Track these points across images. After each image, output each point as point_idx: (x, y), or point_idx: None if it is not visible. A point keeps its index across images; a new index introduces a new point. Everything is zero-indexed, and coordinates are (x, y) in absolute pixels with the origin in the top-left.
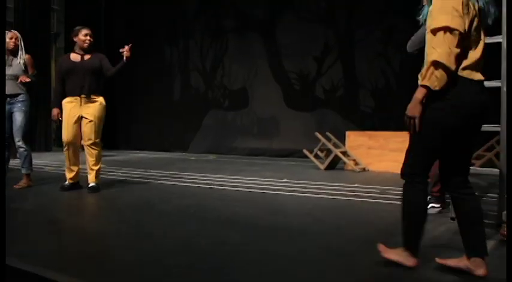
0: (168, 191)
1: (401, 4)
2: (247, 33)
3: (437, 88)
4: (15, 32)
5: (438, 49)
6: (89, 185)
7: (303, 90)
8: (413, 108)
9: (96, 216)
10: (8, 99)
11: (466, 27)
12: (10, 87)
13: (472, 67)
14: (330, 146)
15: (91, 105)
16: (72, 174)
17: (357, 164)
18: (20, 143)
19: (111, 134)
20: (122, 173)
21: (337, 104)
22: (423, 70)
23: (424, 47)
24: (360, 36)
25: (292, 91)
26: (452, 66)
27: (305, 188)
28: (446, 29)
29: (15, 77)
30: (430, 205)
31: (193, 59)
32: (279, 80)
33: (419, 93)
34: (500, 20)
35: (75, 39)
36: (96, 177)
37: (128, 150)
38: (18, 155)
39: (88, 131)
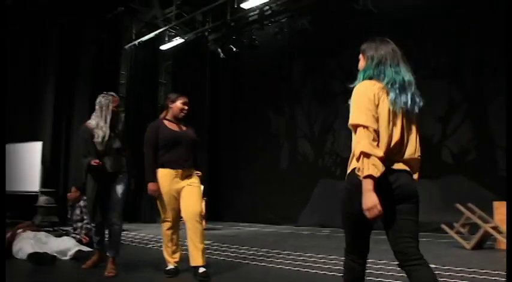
0: (294, 281)
1: None
2: None
3: (378, 174)
4: (117, 96)
5: (362, 142)
6: (199, 270)
7: (426, 154)
8: (369, 200)
9: None
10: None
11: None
12: (114, 164)
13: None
14: (477, 220)
15: (191, 178)
16: (177, 257)
17: None
18: (115, 220)
19: (215, 205)
20: (232, 252)
21: (469, 169)
22: (358, 164)
23: None
24: (490, 90)
25: None
26: (379, 154)
27: (468, 278)
28: (364, 127)
29: (118, 151)
30: None
31: (301, 125)
32: None
33: (368, 185)
34: None
35: (170, 106)
36: (202, 257)
37: (232, 222)
38: (108, 233)
39: (192, 201)
